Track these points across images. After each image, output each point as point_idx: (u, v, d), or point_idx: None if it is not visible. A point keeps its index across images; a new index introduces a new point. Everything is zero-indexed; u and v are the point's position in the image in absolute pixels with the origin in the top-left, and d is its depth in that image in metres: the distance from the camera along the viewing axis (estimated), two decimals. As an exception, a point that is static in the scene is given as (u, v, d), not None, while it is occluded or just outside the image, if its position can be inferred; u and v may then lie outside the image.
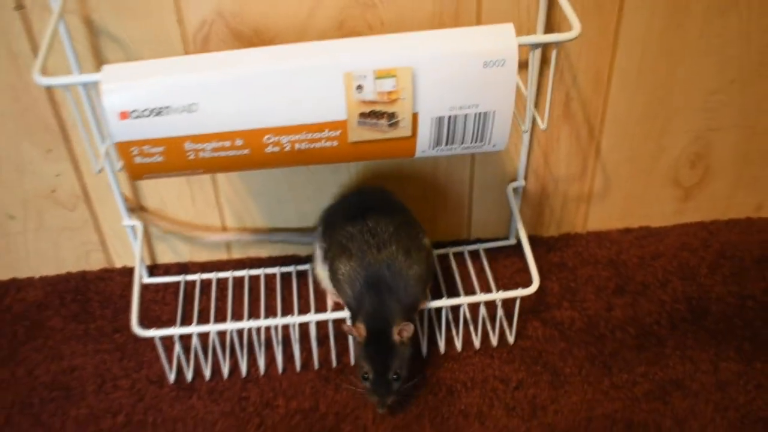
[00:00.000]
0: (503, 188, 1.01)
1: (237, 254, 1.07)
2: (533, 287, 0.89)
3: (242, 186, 0.98)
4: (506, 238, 1.07)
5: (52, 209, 0.98)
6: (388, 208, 0.88)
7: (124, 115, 0.63)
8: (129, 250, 1.05)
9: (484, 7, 0.85)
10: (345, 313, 0.88)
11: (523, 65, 0.85)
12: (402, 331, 0.79)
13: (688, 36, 0.90)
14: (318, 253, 0.91)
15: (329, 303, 0.97)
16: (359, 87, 0.64)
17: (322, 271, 0.90)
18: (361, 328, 0.79)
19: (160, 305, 1.01)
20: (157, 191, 0.98)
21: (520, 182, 0.99)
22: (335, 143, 0.68)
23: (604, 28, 0.88)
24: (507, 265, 1.04)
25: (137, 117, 0.64)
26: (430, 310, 0.94)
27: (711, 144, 1.01)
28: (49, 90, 0.87)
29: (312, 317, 0.88)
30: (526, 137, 0.94)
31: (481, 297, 0.89)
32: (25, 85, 0.86)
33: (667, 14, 0.87)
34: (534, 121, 0.86)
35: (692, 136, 1.00)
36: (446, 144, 0.70)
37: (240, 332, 0.94)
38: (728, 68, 0.94)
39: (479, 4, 0.84)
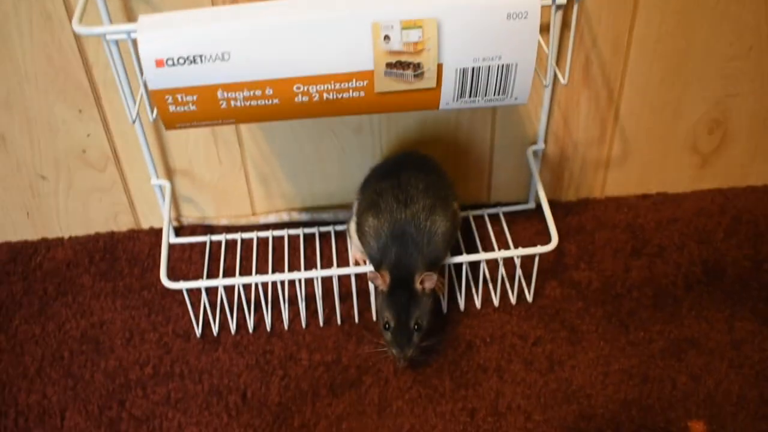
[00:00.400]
0: (523, 152, 1.03)
1: (261, 215, 1.09)
2: (552, 244, 0.90)
3: (267, 148, 1.01)
4: (526, 202, 1.09)
5: (82, 170, 1.01)
6: (423, 168, 0.90)
7: (159, 63, 0.66)
8: (156, 212, 1.07)
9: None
10: (368, 268, 0.90)
11: (545, 27, 0.87)
12: (424, 281, 0.81)
13: (706, 3, 0.91)
14: (354, 209, 0.94)
15: (351, 261, 0.99)
16: (386, 37, 0.66)
17: (353, 224, 0.92)
18: (386, 275, 0.82)
19: (187, 264, 1.04)
20: (185, 151, 1.00)
21: (540, 145, 1.00)
22: (362, 93, 0.70)
23: (624, -7, 0.90)
24: (526, 227, 1.06)
25: (172, 65, 0.66)
26: (450, 267, 0.96)
27: (729, 110, 1.02)
28: (81, 50, 0.89)
29: (334, 271, 0.90)
30: (546, 99, 0.96)
31: (500, 253, 0.91)
32: (59, 45, 0.89)
33: (687, -21, 0.89)
34: (555, 81, 0.88)
35: (710, 103, 1.01)
36: (470, 96, 0.72)
37: (265, 287, 0.97)
38: (745, 35, 0.95)
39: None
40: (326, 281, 0.98)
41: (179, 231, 1.08)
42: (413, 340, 0.83)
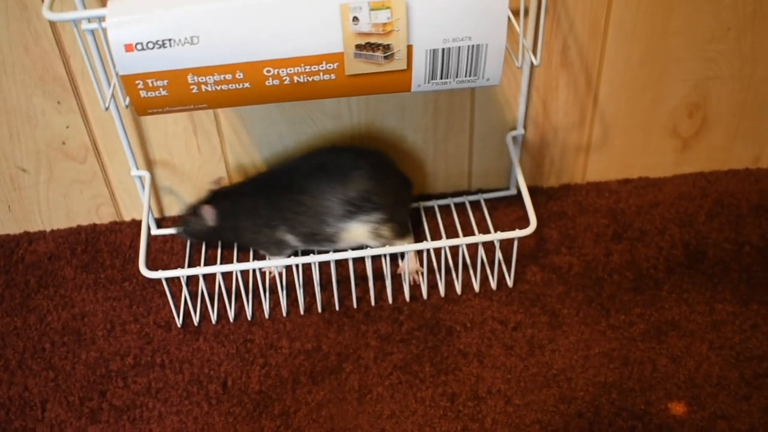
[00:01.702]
0: (503, 138, 1.03)
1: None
2: (530, 228, 0.90)
3: (246, 136, 1.01)
4: (507, 188, 1.09)
5: (62, 161, 1.01)
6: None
7: (128, 48, 0.66)
8: (137, 204, 1.07)
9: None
10: (346, 255, 0.90)
11: (525, 11, 0.87)
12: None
13: (684, -17, 0.91)
14: None
15: None
16: (355, 19, 0.66)
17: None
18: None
19: (168, 255, 1.04)
20: (165, 142, 1.00)
21: (520, 131, 1.00)
22: (333, 76, 0.70)
23: (600, -25, 0.90)
24: (507, 213, 1.06)
25: (141, 50, 0.66)
26: (430, 252, 0.96)
27: (709, 94, 1.02)
28: (58, 40, 0.89)
29: (313, 258, 0.90)
30: (524, 84, 0.96)
31: (479, 237, 0.91)
32: (35, 35, 0.89)
33: (663, -40, 0.89)
34: (534, 66, 0.87)
35: (690, 86, 1.01)
36: (441, 77, 0.72)
37: (245, 276, 0.97)
38: (724, 17, 0.95)
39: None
40: (306, 268, 0.98)
41: (161, 222, 1.08)
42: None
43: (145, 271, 0.88)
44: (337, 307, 0.95)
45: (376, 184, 0.90)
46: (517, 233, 0.90)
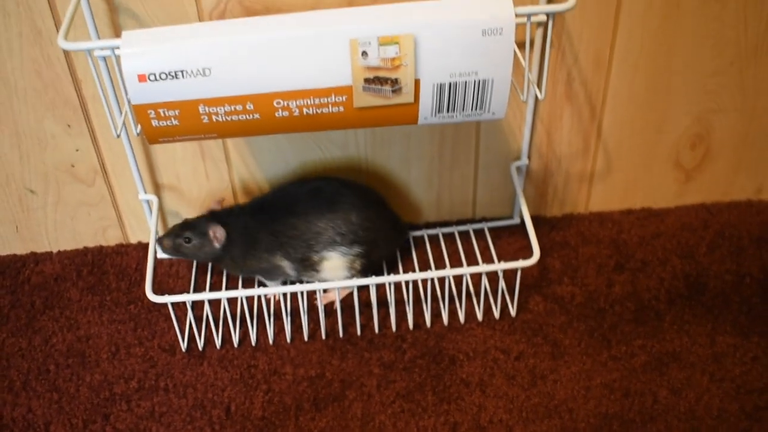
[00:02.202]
0: (507, 168, 1.04)
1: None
2: (534, 259, 0.91)
3: (254, 164, 1.02)
4: (510, 217, 1.10)
5: (71, 184, 1.02)
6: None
7: (142, 78, 0.67)
8: (144, 227, 1.08)
9: (488, -12, 0.88)
10: (351, 282, 0.91)
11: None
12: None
13: (687, 19, 0.92)
14: None
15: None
16: (364, 53, 0.68)
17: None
18: None
19: (174, 278, 1.05)
20: (173, 167, 1.01)
21: (524, 161, 1.02)
22: (341, 108, 0.71)
23: (604, 11, 0.91)
24: (511, 243, 1.07)
25: (154, 80, 0.67)
26: (434, 282, 0.97)
27: (711, 126, 1.03)
28: (70, 65, 0.91)
29: (318, 286, 0.91)
30: (529, 115, 0.97)
31: (483, 267, 0.92)
32: (48, 60, 0.90)
33: (667, -3, 0.91)
34: (536, 99, 0.89)
35: (693, 118, 1.02)
36: (447, 111, 0.73)
37: (250, 302, 0.98)
38: (726, 51, 0.96)
39: (483, -16, 0.87)
40: (311, 295, 0.99)
41: (167, 246, 1.09)
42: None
43: (151, 296, 0.89)
44: (340, 334, 0.95)
45: (365, 219, 0.92)
46: (521, 263, 0.91)
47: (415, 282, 0.98)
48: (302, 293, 0.95)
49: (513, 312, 0.96)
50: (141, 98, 0.68)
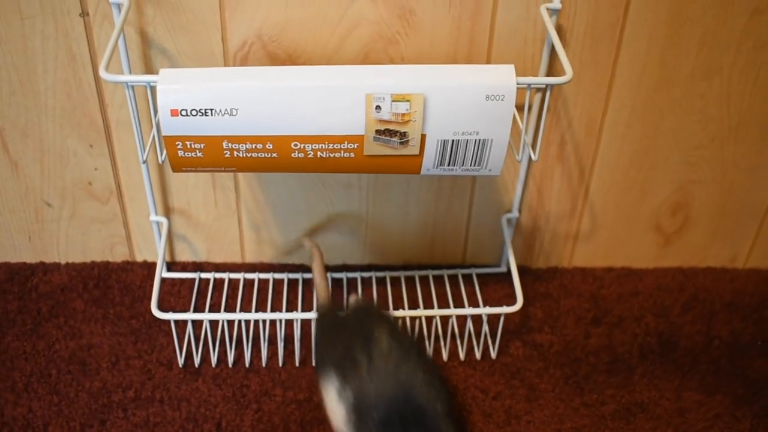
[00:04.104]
0: (499, 219, 1.11)
1: (250, 258, 1.16)
2: (517, 306, 0.98)
3: (261, 196, 1.08)
4: (498, 265, 1.16)
5: (86, 201, 1.08)
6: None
7: (174, 113, 0.74)
8: (150, 246, 1.14)
9: (493, 53, 0.95)
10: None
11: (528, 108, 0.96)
12: None
13: (675, 94, 1.00)
14: None
15: None
16: (378, 107, 0.75)
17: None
18: None
19: (176, 297, 1.10)
20: (185, 192, 1.07)
21: (515, 214, 1.08)
22: (352, 155, 0.78)
23: (598, 82, 0.98)
24: (497, 290, 1.13)
25: (185, 115, 0.74)
26: (422, 321, 1.03)
27: (691, 195, 1.10)
28: (99, 90, 0.97)
29: (313, 314, 0.97)
30: (522, 172, 1.04)
31: (469, 310, 0.98)
32: (79, 83, 0.97)
33: (657, 73, 0.98)
34: (529, 158, 0.96)
35: (674, 187, 1.09)
36: (448, 164, 0.80)
37: (247, 325, 1.03)
38: (709, 127, 1.04)
39: (489, 50, 0.95)
40: (305, 324, 1.05)
41: (171, 266, 1.15)
42: None
43: (156, 312, 0.94)
44: (330, 362, 1.01)
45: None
46: (505, 309, 0.97)
47: (404, 319, 1.04)
48: (297, 321, 1.00)
49: (494, 354, 1.02)
50: (172, 130, 0.75)
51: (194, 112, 0.74)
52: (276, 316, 0.97)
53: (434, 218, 1.11)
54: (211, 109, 0.74)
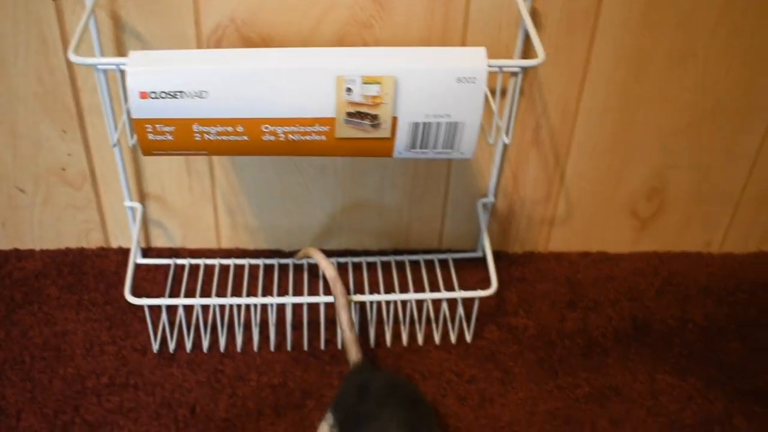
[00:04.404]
0: (474, 204, 1.11)
1: (226, 244, 1.15)
2: (491, 290, 0.98)
3: (236, 181, 1.08)
4: (474, 250, 1.16)
5: (60, 187, 1.07)
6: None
7: (143, 95, 0.73)
8: (125, 233, 1.13)
9: (468, 39, 0.95)
10: (319, 299, 0.97)
11: (502, 93, 0.96)
12: None
13: (649, 80, 1.00)
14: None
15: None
16: (348, 90, 0.74)
17: None
18: None
19: (151, 284, 1.10)
20: (159, 178, 1.07)
21: (490, 199, 1.08)
22: (323, 137, 0.77)
23: (573, 67, 0.98)
24: (473, 274, 1.13)
25: (155, 98, 0.73)
26: (396, 305, 1.03)
27: (667, 180, 1.11)
28: (72, 75, 0.96)
29: (288, 299, 0.97)
30: (498, 157, 1.04)
31: (444, 294, 0.98)
32: (51, 68, 0.96)
33: (631, 59, 0.98)
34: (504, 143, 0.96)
35: (650, 172, 1.10)
36: (420, 147, 0.80)
37: (222, 310, 1.03)
38: (685, 112, 1.04)
39: (464, 35, 0.95)
40: (280, 309, 1.04)
41: (146, 252, 1.14)
42: None
43: (129, 298, 0.94)
44: (305, 347, 1.01)
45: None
46: (479, 293, 0.98)
47: (379, 303, 1.05)
48: (272, 306, 1.00)
49: (469, 338, 1.03)
50: (141, 113, 0.74)
51: (164, 95, 0.73)
52: (251, 300, 0.97)
53: (410, 203, 1.11)
54: (181, 92, 0.73)
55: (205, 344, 1.00)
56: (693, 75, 1.00)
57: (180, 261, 1.12)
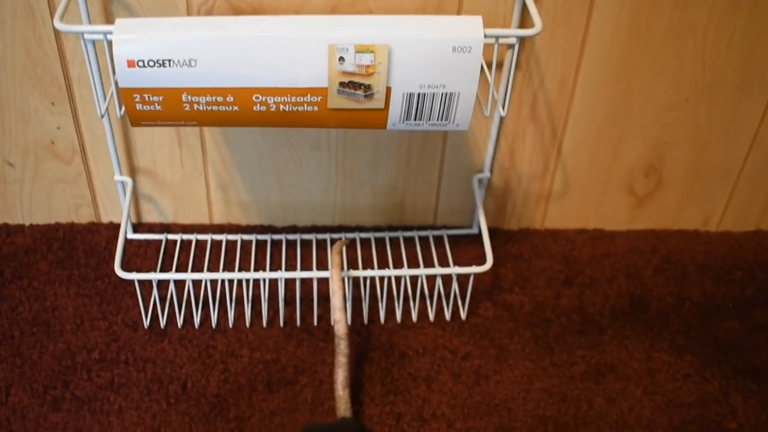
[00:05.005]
0: (470, 179, 1.10)
1: (218, 220, 1.14)
2: (486, 266, 0.97)
3: (229, 155, 1.06)
4: (470, 227, 1.15)
5: (49, 160, 1.05)
6: None
7: (131, 64, 0.71)
8: (116, 207, 1.12)
9: (464, 11, 0.93)
10: (312, 274, 0.95)
11: (499, 64, 0.94)
12: None
13: (648, 54, 0.99)
14: None
15: None
16: (341, 59, 0.73)
17: None
18: None
19: (142, 259, 1.08)
20: (150, 152, 1.05)
21: (486, 174, 1.07)
22: (316, 108, 0.76)
23: (571, 39, 0.97)
24: (468, 251, 1.12)
25: (142, 66, 0.71)
26: (390, 281, 1.02)
27: (664, 156, 1.10)
28: (60, 46, 0.94)
29: (281, 274, 0.95)
30: (494, 131, 1.03)
31: (438, 270, 0.97)
32: (39, 39, 0.94)
33: (630, 32, 0.96)
34: (501, 117, 0.94)
35: (647, 148, 1.08)
36: (414, 119, 0.78)
37: (214, 286, 1.02)
38: (683, 87, 1.02)
39: (460, 3, 0.93)
40: (272, 284, 1.03)
41: (137, 227, 1.13)
42: None
43: (120, 272, 0.93)
44: (298, 323, 1.00)
45: None
46: (474, 269, 0.96)
47: (372, 279, 1.03)
48: (264, 281, 0.99)
49: (463, 315, 1.01)
50: (128, 82, 0.72)
51: (152, 63, 0.71)
52: (243, 275, 0.95)
53: (405, 178, 1.09)
54: (169, 60, 0.71)
55: (197, 320, 0.99)
56: (692, 49, 0.99)
57: (171, 236, 1.11)
